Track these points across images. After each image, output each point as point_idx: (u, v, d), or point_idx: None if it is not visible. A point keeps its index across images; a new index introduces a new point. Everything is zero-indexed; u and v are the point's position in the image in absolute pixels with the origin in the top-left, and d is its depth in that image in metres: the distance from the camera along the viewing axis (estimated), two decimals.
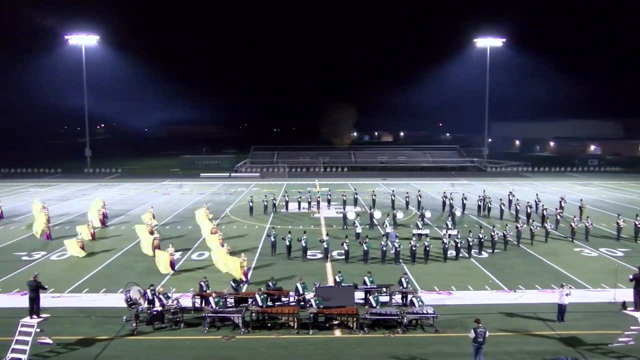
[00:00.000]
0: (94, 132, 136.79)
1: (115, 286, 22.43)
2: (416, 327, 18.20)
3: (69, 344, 16.72)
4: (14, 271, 24.97)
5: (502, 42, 79.92)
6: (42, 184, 61.78)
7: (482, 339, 14.95)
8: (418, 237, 29.48)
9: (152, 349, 16.62)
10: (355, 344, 16.94)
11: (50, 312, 18.33)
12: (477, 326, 15.11)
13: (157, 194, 53.26)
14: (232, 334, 17.66)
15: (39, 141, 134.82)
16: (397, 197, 44.46)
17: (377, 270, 24.33)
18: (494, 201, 41.45)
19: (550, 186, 57.68)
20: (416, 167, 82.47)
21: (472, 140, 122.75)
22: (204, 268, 25.60)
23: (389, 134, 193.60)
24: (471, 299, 21.12)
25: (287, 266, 25.84)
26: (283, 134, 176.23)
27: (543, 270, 25.23)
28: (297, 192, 46.47)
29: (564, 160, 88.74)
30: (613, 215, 35.95)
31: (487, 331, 15.12)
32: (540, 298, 21.16)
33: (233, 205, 45.87)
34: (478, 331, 14.96)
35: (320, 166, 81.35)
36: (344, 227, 34.76)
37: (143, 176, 71.25)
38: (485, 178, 69.30)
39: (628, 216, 35.03)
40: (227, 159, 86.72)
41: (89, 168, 78.43)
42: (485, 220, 37.64)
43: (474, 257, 27.51)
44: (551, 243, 30.94)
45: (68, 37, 75.47)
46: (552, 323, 18.43)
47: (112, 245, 30.38)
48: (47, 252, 28.70)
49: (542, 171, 78.79)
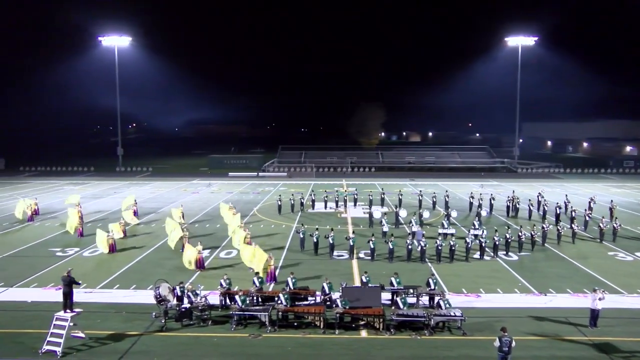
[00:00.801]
0: (125, 132, 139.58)
1: (145, 283, 22.85)
2: (443, 330, 18.00)
3: (100, 339, 17.11)
4: (49, 266, 25.71)
5: (534, 41, 78.37)
6: (75, 182, 63.45)
7: (507, 348, 14.49)
8: (444, 236, 29.44)
9: (180, 345, 16.87)
10: (381, 345, 16.86)
11: (83, 306, 18.80)
12: (503, 335, 14.64)
13: (187, 193, 54.05)
14: (259, 332, 17.79)
15: (73, 140, 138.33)
16: (425, 198, 44.13)
17: (403, 269, 24.21)
18: (523, 202, 40.83)
19: (583, 188, 56.30)
20: (444, 168, 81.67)
21: (502, 140, 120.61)
22: (231, 266, 25.88)
23: (417, 134, 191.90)
24: (500, 302, 20.77)
25: (313, 265, 25.90)
26: (311, 134, 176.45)
27: (575, 274, 24.65)
28: (324, 191, 46.59)
29: (597, 161, 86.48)
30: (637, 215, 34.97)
31: (514, 340, 14.61)
32: (572, 302, 20.68)
33: (260, 204, 46.21)
34: (503, 340, 14.49)
35: (347, 166, 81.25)
36: (370, 226, 34.92)
37: (173, 175, 72.54)
38: (515, 179, 68.10)
39: None
40: (255, 158, 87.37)
41: (121, 167, 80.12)
42: (513, 221, 37.24)
43: (503, 259, 27.10)
44: (580, 244, 30.47)
45: (101, 39, 77.32)
46: (584, 328, 17.98)
47: (142, 243, 30.97)
48: (80, 249, 29.45)
49: (575, 173, 76.97)
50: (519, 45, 78.08)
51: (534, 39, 78.22)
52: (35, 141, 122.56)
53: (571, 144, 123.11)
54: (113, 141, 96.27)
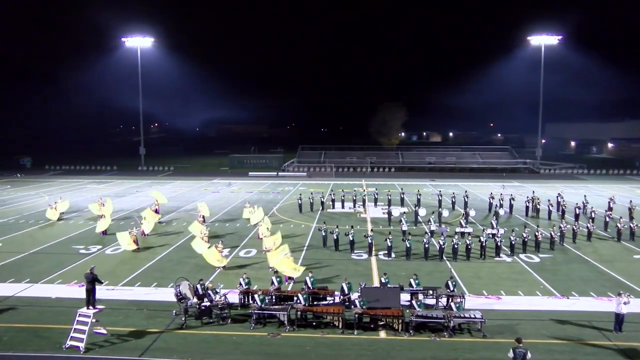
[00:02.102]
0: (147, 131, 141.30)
1: (166, 281, 23.14)
2: (463, 332, 17.83)
3: (122, 335, 17.38)
4: (72, 263, 26.18)
5: (558, 40, 77.10)
6: (98, 181, 64.53)
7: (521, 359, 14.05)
8: (461, 235, 29.81)
9: (201, 342, 17.02)
10: (400, 346, 16.77)
11: (105, 303, 19.15)
12: (517, 346, 14.10)
13: (207, 192, 54.52)
14: (278, 331, 17.86)
15: (96, 140, 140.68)
16: (444, 198, 43.89)
17: (422, 269, 24.27)
18: (543, 203, 40.37)
19: (607, 189, 55.16)
20: (465, 168, 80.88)
21: (525, 141, 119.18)
22: (250, 265, 26.04)
23: (438, 135, 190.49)
24: (521, 305, 20.49)
25: (333, 265, 25.91)
26: (330, 134, 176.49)
27: (599, 277, 24.17)
28: (342, 191, 46.73)
29: (622, 162, 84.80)
30: None
31: (529, 352, 14.09)
32: (596, 306, 20.28)
33: (280, 203, 46.39)
34: (517, 352, 13.96)
35: (367, 166, 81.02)
36: (389, 225, 35.25)
37: (194, 174, 73.29)
38: (538, 180, 67.14)
39: None
40: (275, 158, 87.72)
41: (143, 166, 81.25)
42: (532, 221, 37.03)
43: (524, 260, 26.76)
44: (597, 244, 30.78)
45: (125, 39, 78.48)
46: (608, 333, 17.62)
47: (163, 241, 31.34)
48: (102, 247, 29.93)
49: (599, 174, 75.54)
50: (542, 45, 76.92)
51: (558, 38, 76.98)
52: (60, 140, 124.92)
53: (595, 144, 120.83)
54: (135, 141, 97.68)
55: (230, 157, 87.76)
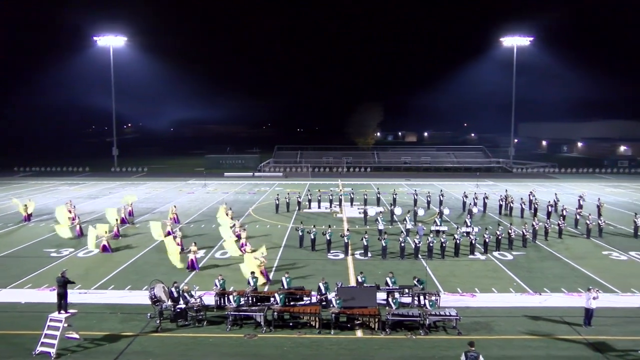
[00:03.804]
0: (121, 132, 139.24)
1: (140, 283, 22.79)
2: (439, 329, 18.02)
3: (95, 339, 17.04)
4: (43, 267, 25.57)
5: (529, 41, 78.56)
6: (70, 182, 63.22)
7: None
8: (436, 233, 30.17)
9: (178, 345, 16.81)
10: (379, 345, 16.85)
11: (78, 307, 18.71)
12: (469, 349, 13.85)
13: (182, 193, 53.94)
14: (254, 332, 17.76)
15: (67, 140, 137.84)
16: (419, 197, 44.35)
17: (398, 268, 24.47)
18: (516, 201, 41.17)
19: (578, 188, 56.39)
20: (440, 168, 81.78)
21: (498, 140, 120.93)
22: (227, 266, 25.85)
23: (413, 134, 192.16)
24: (495, 302, 20.80)
25: (309, 265, 25.90)
26: (307, 134, 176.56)
27: (570, 274, 24.71)
28: (318, 191, 46.83)
29: (592, 161, 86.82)
30: (632, 214, 35.31)
31: (481, 356, 13.86)
32: (567, 302, 20.74)
33: (256, 204, 46.18)
34: (469, 355, 13.78)
35: (343, 166, 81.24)
36: (365, 224, 35.48)
37: (169, 175, 72.43)
38: (511, 179, 68.29)
39: None
40: (251, 158, 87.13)
41: (116, 167, 79.95)
42: (505, 219, 37.75)
43: (497, 258, 27.19)
44: (569, 241, 31.41)
45: (97, 39, 77.06)
46: (579, 327, 18.03)
47: (137, 243, 30.88)
48: (74, 249, 29.32)
49: (570, 172, 77.22)
50: (515, 46, 78.26)
51: (529, 39, 78.41)
52: (30, 141, 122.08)
53: (567, 144, 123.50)
54: (108, 141, 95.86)
55: (205, 158, 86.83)
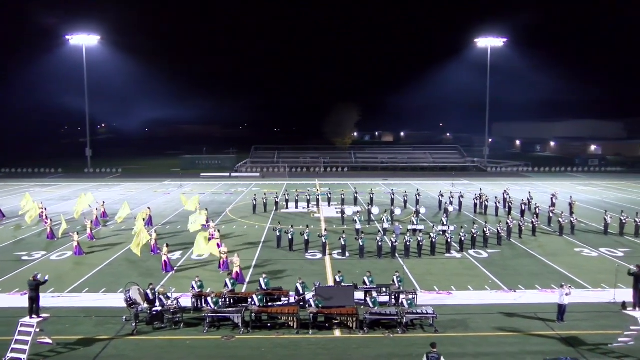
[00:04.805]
0: (94, 132, 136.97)
1: (115, 286, 22.45)
2: (416, 327, 18.18)
3: (69, 344, 16.71)
4: (14, 271, 24.99)
5: (503, 42, 79.81)
6: (43, 184, 61.88)
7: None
8: (412, 232, 30.43)
9: (154, 348, 16.61)
10: (356, 344, 16.92)
11: (50, 312, 18.35)
12: (431, 350, 13.93)
13: (158, 194, 53.28)
14: (232, 333, 17.65)
15: (40, 141, 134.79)
16: (396, 196, 44.69)
17: (376, 267, 24.60)
18: (490, 200, 41.82)
19: (551, 186, 57.53)
20: (417, 167, 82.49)
21: (473, 140, 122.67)
22: (203, 267, 25.64)
23: (390, 134, 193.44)
24: (471, 299, 21.09)
25: (287, 265, 25.86)
26: (284, 134, 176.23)
27: (544, 271, 25.19)
28: (295, 190, 46.84)
29: (564, 160, 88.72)
30: (602, 212, 36.19)
31: (442, 357, 13.92)
32: (541, 298, 21.14)
33: (234, 204, 45.91)
34: (430, 356, 13.82)
35: (320, 166, 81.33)
36: (343, 224, 35.58)
37: (144, 176, 71.38)
38: (485, 178, 69.31)
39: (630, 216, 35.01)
40: (228, 158, 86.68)
41: (90, 168, 78.54)
42: (480, 218, 38.34)
43: (473, 256, 27.57)
44: (542, 238, 32.03)
45: (69, 37, 75.50)
46: (552, 323, 18.40)
47: (111, 245, 30.38)
48: (47, 252, 28.72)
49: (543, 171, 78.75)
50: (489, 46, 79.39)
51: (503, 40, 79.64)
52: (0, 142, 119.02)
53: (539, 143, 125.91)
54: (82, 142, 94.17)
55: (181, 158, 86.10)
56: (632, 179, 67.70)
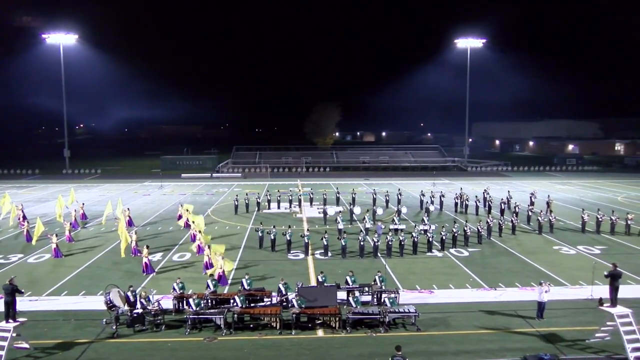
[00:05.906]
0: (73, 133, 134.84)
1: (95, 288, 22.11)
2: (398, 326, 18.28)
3: (47, 348, 16.42)
4: None
5: (482, 43, 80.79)
6: (19, 185, 60.68)
7: None
8: (394, 231, 30.54)
9: (135, 350, 16.41)
10: (339, 343, 16.94)
11: (28, 315, 18.03)
12: (396, 354, 13.77)
13: (138, 195, 52.68)
14: (214, 335, 17.54)
15: (16, 142, 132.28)
16: (378, 196, 44.89)
17: (358, 266, 24.63)
18: (471, 199, 42.30)
19: (529, 185, 58.40)
20: (398, 167, 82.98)
21: (453, 140, 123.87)
22: (185, 268, 25.44)
23: (372, 134, 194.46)
24: (453, 297, 21.28)
25: (269, 266, 25.78)
26: (265, 134, 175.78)
27: (523, 269, 25.54)
28: (277, 191, 46.76)
29: (543, 159, 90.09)
30: (579, 210, 36.86)
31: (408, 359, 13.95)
32: (521, 296, 21.43)
33: (215, 205, 45.62)
34: (395, 359, 13.68)
35: (302, 166, 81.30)
36: (325, 224, 35.62)
37: (123, 177, 70.53)
38: (465, 177, 70.04)
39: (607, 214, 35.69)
40: (209, 159, 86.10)
41: (68, 169, 77.33)
42: (461, 217, 38.77)
43: (454, 255, 27.83)
44: (522, 237, 32.45)
45: (46, 36, 74.24)
46: (532, 320, 18.67)
47: (91, 247, 29.95)
48: (24, 255, 28.19)
49: (522, 170, 79.86)
50: (468, 47, 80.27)
51: (482, 41, 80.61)
52: None
53: (518, 143, 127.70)
54: (59, 142, 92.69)
55: (162, 159, 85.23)
56: (608, 177, 69.06)
